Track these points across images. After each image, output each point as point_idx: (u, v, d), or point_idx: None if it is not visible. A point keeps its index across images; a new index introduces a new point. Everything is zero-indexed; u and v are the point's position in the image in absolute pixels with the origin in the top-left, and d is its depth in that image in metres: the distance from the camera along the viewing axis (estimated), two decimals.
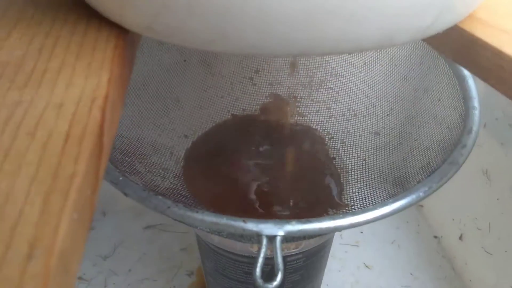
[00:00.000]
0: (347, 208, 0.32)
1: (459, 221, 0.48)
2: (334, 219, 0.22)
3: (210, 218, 0.22)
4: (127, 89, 0.22)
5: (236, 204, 0.34)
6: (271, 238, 0.21)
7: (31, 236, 0.12)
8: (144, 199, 0.23)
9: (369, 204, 0.31)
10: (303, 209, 0.32)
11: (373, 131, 0.38)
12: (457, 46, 0.23)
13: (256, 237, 0.22)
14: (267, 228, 0.22)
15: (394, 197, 0.24)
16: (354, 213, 0.22)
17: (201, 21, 0.18)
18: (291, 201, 0.33)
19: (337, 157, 0.37)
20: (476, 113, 0.28)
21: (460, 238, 0.48)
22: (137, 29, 0.20)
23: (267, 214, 0.32)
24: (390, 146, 0.35)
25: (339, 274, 0.51)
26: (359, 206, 0.31)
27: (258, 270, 0.20)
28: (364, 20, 0.18)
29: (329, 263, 0.41)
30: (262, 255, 0.21)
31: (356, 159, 0.36)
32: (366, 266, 0.52)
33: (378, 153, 0.35)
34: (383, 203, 0.23)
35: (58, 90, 0.17)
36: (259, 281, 0.20)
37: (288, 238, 0.29)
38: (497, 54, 0.21)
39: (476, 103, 0.29)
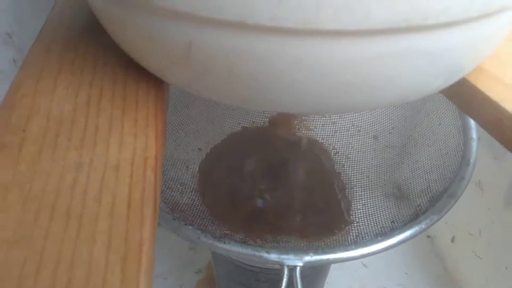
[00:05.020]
0: (353, 225, 0.34)
1: (452, 224, 0.51)
2: (347, 250, 0.25)
3: (236, 248, 0.24)
4: None
5: (248, 219, 0.36)
6: (292, 268, 0.24)
7: None
8: (176, 228, 0.25)
9: (373, 222, 0.33)
10: (313, 225, 0.35)
11: (373, 135, 0.40)
12: (461, 96, 0.25)
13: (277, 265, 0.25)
14: (288, 259, 0.24)
15: (399, 229, 0.26)
16: (365, 244, 0.25)
17: (239, 87, 0.20)
18: (301, 216, 0.36)
19: (342, 172, 0.40)
20: (474, 144, 0.31)
21: (452, 240, 0.51)
22: (176, 85, 0.22)
23: (278, 229, 0.35)
24: (392, 165, 0.38)
25: (338, 273, 0.54)
26: (364, 223, 0.34)
27: None
28: (383, 90, 0.20)
29: None
30: (284, 285, 0.23)
31: (360, 175, 0.39)
32: (364, 265, 0.55)
33: (380, 171, 0.38)
34: (390, 235, 0.26)
35: (113, 150, 0.19)
36: None
37: None
38: (497, 108, 0.23)
39: (474, 134, 0.31)
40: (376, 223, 0.33)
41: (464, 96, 0.25)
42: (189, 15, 0.17)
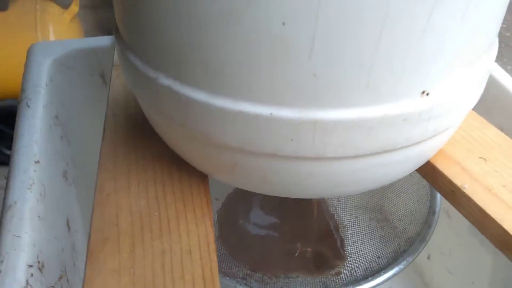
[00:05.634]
0: (347, 260, 0.43)
1: (428, 244, 0.60)
2: None
3: None
4: None
5: (263, 259, 0.44)
6: None
7: None
8: None
9: (363, 257, 0.42)
10: (316, 262, 0.43)
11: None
12: (424, 171, 0.34)
13: None
14: None
15: (385, 269, 0.35)
16: (359, 283, 0.34)
17: (269, 186, 0.28)
18: (306, 254, 0.44)
19: (335, 214, 0.48)
20: (439, 196, 0.39)
21: (428, 258, 0.60)
22: (220, 181, 0.30)
23: (288, 267, 0.43)
24: (375, 207, 0.46)
25: None
26: (355, 258, 0.42)
27: None
28: (366, 184, 0.28)
29: None
30: None
31: (350, 216, 0.47)
32: None
33: (366, 212, 0.47)
34: (378, 275, 0.34)
35: (184, 238, 0.27)
36: None
37: None
38: (450, 182, 0.32)
39: None
40: (365, 258, 0.42)
41: (426, 172, 0.33)
42: (238, 148, 0.25)
